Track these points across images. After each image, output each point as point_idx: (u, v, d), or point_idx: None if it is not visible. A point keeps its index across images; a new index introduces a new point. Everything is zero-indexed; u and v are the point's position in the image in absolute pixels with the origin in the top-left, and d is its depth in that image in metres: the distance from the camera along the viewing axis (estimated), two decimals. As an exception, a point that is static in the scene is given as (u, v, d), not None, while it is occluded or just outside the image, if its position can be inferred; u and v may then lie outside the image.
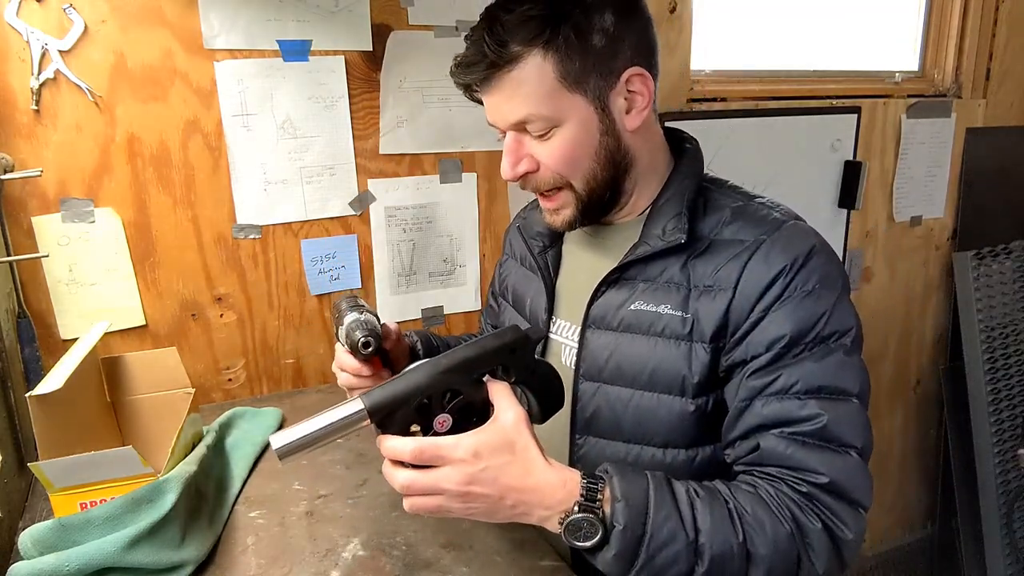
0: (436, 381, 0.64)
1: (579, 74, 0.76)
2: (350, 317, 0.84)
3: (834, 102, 1.86)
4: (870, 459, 0.75)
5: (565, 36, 0.74)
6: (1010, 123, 2.16)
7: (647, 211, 0.86)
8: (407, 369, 0.66)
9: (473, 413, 0.67)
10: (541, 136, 0.79)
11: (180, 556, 0.79)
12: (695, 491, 0.69)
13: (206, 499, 0.91)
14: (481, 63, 0.76)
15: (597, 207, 0.84)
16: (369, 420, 0.63)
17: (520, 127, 0.79)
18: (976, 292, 2.09)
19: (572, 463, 0.89)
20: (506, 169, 0.82)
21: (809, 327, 0.73)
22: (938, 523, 2.40)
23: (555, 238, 0.96)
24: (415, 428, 0.66)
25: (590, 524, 0.64)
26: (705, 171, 0.89)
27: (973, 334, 2.09)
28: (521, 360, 0.70)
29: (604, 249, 0.90)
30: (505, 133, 0.82)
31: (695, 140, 0.90)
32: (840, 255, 1.96)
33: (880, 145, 1.96)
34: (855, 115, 1.88)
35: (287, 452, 0.62)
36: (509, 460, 0.64)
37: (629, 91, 0.79)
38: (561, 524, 0.65)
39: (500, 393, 0.67)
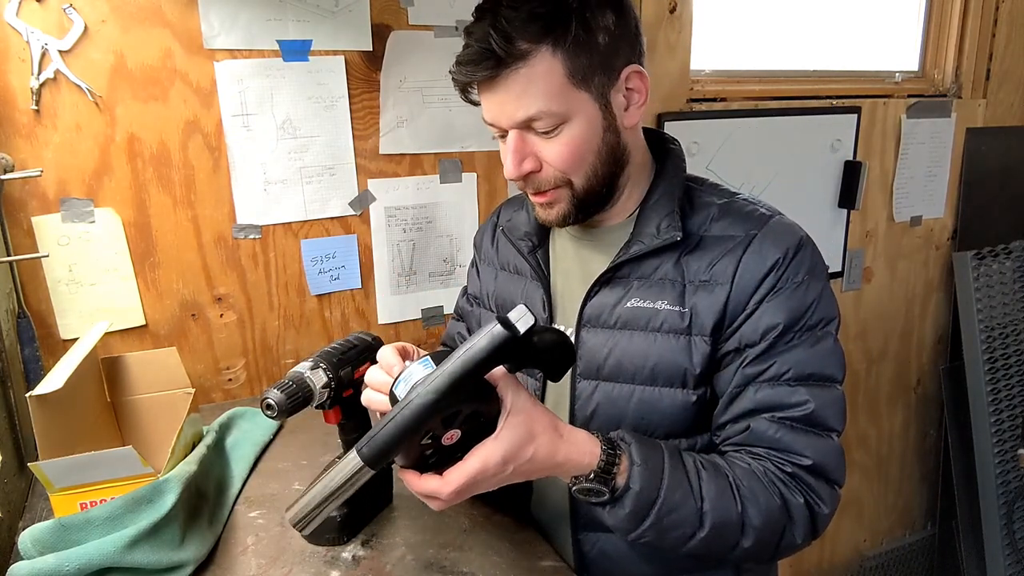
0: (433, 412, 0.60)
1: (586, 71, 0.76)
2: (297, 368, 0.81)
3: (834, 102, 1.86)
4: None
5: (574, 34, 0.75)
6: (1010, 123, 2.16)
7: (635, 213, 0.88)
8: (402, 400, 0.61)
9: (479, 415, 0.65)
10: (547, 133, 0.78)
11: (180, 556, 0.79)
12: (701, 463, 0.75)
13: (206, 499, 0.91)
14: (488, 60, 0.74)
15: (593, 203, 0.84)
16: (372, 471, 0.61)
17: (526, 125, 0.78)
18: (976, 292, 2.09)
19: None
20: (511, 168, 0.80)
21: (800, 316, 0.79)
22: (938, 523, 2.40)
23: (543, 237, 0.96)
24: (427, 441, 0.63)
25: (598, 491, 0.70)
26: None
27: (973, 334, 2.09)
28: (512, 354, 0.64)
29: (593, 251, 0.90)
30: (505, 132, 0.81)
31: (677, 140, 0.91)
32: (840, 255, 1.97)
33: (880, 145, 1.96)
34: (855, 115, 1.88)
35: (298, 521, 0.63)
36: (535, 449, 0.67)
37: (627, 88, 0.81)
38: (573, 486, 0.72)
39: (504, 385, 0.66)
